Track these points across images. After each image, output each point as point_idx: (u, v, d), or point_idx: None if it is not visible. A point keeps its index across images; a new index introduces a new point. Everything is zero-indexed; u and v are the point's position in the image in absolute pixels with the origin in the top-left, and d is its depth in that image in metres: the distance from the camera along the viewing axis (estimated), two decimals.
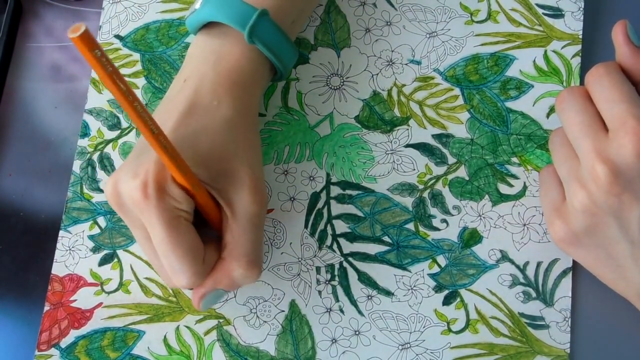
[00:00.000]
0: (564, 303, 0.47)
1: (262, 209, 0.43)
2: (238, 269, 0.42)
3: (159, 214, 0.39)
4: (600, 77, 0.40)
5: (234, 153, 0.42)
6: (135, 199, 0.39)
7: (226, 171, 0.42)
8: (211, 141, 0.42)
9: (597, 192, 0.39)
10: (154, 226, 0.40)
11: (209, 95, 0.43)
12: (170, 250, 0.40)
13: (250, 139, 0.44)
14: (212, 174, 0.41)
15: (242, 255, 0.42)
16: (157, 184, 0.39)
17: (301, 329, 0.48)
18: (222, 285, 0.43)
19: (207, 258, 0.42)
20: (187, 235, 0.40)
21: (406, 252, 0.49)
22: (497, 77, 0.51)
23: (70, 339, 0.48)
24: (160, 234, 0.40)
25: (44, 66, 0.54)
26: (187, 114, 0.42)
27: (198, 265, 0.41)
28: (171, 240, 0.40)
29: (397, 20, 0.53)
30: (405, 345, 0.47)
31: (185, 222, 0.41)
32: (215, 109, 0.43)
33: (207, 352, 0.48)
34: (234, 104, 0.43)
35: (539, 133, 0.50)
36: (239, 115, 0.43)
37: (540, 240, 0.48)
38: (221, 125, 0.42)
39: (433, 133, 0.51)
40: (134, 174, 0.40)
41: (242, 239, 0.42)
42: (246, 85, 0.44)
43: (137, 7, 0.54)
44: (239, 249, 0.42)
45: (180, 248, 0.40)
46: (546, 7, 0.52)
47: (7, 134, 0.53)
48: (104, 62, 0.31)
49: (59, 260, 0.49)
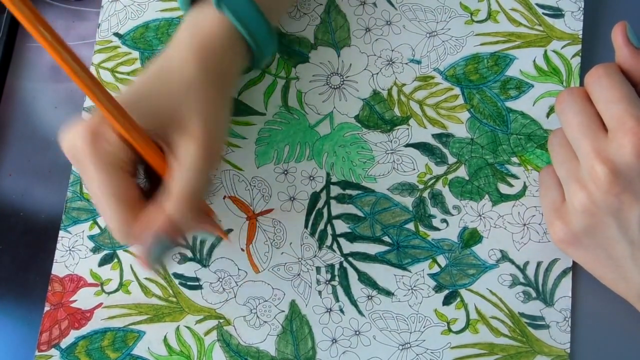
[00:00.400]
0: (564, 303, 0.47)
1: (206, 165, 0.42)
2: (173, 204, 0.41)
3: (92, 159, 0.40)
4: (600, 77, 0.40)
5: (186, 105, 0.43)
6: (76, 144, 0.40)
7: (173, 120, 0.42)
8: (167, 95, 0.42)
9: (596, 192, 0.39)
10: (89, 170, 0.40)
11: (179, 56, 0.44)
12: (101, 195, 0.40)
13: (213, 98, 0.44)
14: (159, 123, 0.42)
15: (179, 191, 0.41)
16: (94, 128, 0.40)
17: (301, 329, 0.48)
18: (158, 225, 0.41)
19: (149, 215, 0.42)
20: (119, 182, 0.41)
21: (406, 252, 0.49)
22: (497, 77, 0.51)
23: (70, 340, 0.48)
24: (93, 178, 0.40)
25: (44, 66, 0.54)
26: (152, 75, 0.43)
27: (128, 214, 0.41)
28: (103, 184, 0.40)
29: (397, 20, 0.53)
30: (405, 345, 0.47)
31: (120, 171, 0.41)
32: (181, 69, 0.43)
33: (207, 353, 0.48)
34: (199, 65, 0.44)
35: (539, 133, 0.50)
36: (203, 75, 0.44)
37: (540, 240, 0.48)
38: (181, 82, 0.43)
39: (433, 133, 0.51)
40: (77, 124, 0.41)
41: (180, 176, 0.41)
42: (216, 47, 0.45)
43: (137, 5, 0.54)
44: (176, 185, 0.41)
45: (111, 195, 0.40)
46: (546, 7, 0.52)
47: (7, 134, 0.53)
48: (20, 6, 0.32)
49: (59, 261, 0.49)
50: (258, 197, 0.50)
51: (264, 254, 0.49)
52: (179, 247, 0.45)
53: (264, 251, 0.49)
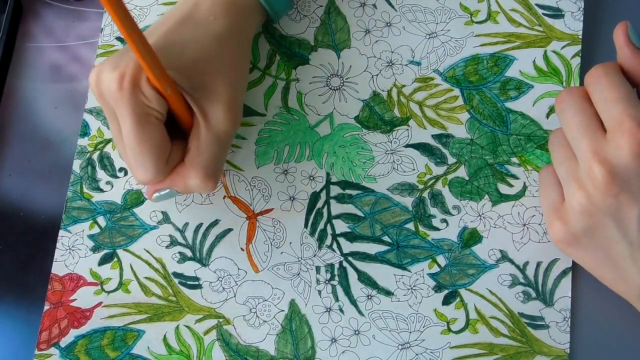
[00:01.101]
0: (563, 303, 0.47)
1: (231, 128, 0.44)
2: (195, 178, 0.43)
3: (130, 107, 0.41)
4: (599, 78, 0.40)
5: (217, 68, 0.44)
6: (112, 89, 0.41)
7: (206, 84, 0.43)
8: (199, 52, 0.43)
9: (594, 193, 0.39)
10: (124, 118, 0.41)
11: (207, 11, 0.45)
12: (136, 143, 0.41)
13: (238, 60, 0.46)
14: (192, 83, 0.43)
15: (201, 167, 0.43)
16: (132, 78, 0.40)
17: (301, 328, 0.48)
18: (177, 187, 0.44)
19: (172, 157, 0.44)
20: (154, 132, 0.42)
21: (406, 251, 0.49)
22: (496, 78, 0.51)
23: (70, 339, 0.48)
24: (129, 127, 0.41)
25: (44, 66, 0.54)
26: (181, 23, 0.44)
27: (160, 163, 0.42)
28: (138, 134, 0.41)
29: (397, 21, 0.53)
30: (405, 345, 0.47)
31: (155, 121, 0.42)
32: (209, 24, 0.44)
33: (207, 352, 0.48)
34: (228, 23, 0.45)
35: (539, 133, 0.50)
36: (231, 34, 0.45)
37: (540, 240, 0.48)
38: (211, 39, 0.44)
39: (433, 133, 0.51)
40: (114, 66, 0.41)
41: (205, 150, 0.43)
42: (242, 6, 0.46)
43: (139, 9, 0.54)
44: (200, 159, 0.43)
45: (146, 143, 0.41)
46: (546, 7, 0.52)
47: (7, 134, 0.53)
48: None
49: (58, 260, 0.49)
50: (258, 197, 0.50)
51: (263, 254, 0.49)
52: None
53: (263, 251, 0.49)
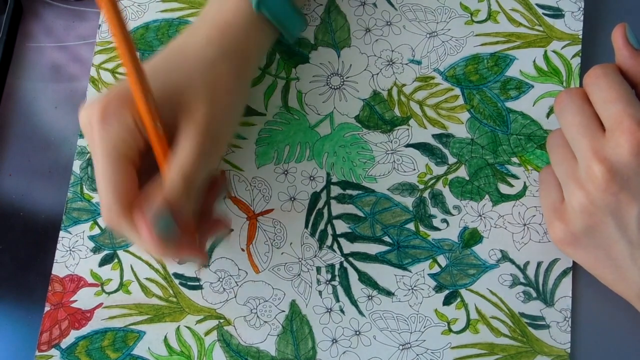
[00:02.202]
0: (564, 303, 0.47)
1: (204, 146, 0.41)
2: (168, 184, 0.40)
3: (101, 141, 0.40)
4: (598, 78, 0.41)
5: (195, 88, 0.42)
6: (86, 122, 0.41)
7: (181, 103, 0.42)
8: (183, 74, 0.43)
9: (594, 192, 0.39)
10: (94, 151, 0.41)
11: (201, 35, 0.44)
12: (99, 177, 0.40)
13: (228, 82, 0.44)
14: (170, 100, 0.41)
15: (176, 166, 0.40)
16: (105, 109, 0.40)
17: (302, 329, 0.48)
18: (156, 203, 0.40)
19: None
20: (120, 170, 0.40)
21: (406, 252, 0.49)
22: (497, 77, 0.51)
23: (70, 340, 0.48)
24: (95, 160, 0.41)
25: (44, 66, 0.54)
26: (172, 50, 0.44)
27: (119, 204, 0.40)
28: (102, 168, 0.40)
29: (397, 20, 0.53)
30: (405, 345, 0.47)
31: (124, 159, 0.40)
32: (201, 48, 0.44)
33: (208, 353, 0.48)
34: (222, 47, 0.44)
35: (539, 133, 0.50)
36: (225, 57, 0.44)
37: (541, 240, 0.48)
38: (198, 64, 0.43)
39: (433, 133, 0.51)
40: (96, 100, 0.41)
41: (178, 162, 0.40)
42: (240, 27, 0.45)
43: (137, 6, 0.54)
44: (172, 169, 0.40)
45: (108, 180, 0.40)
46: (546, 7, 0.52)
47: (7, 134, 0.53)
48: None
49: (59, 261, 0.49)
50: (258, 197, 0.50)
51: (264, 254, 0.49)
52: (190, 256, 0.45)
53: (264, 251, 0.49)
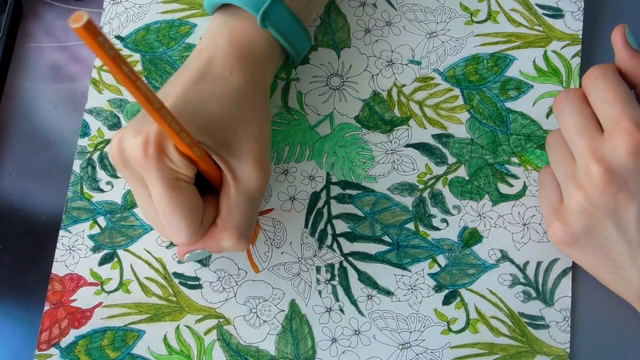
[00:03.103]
0: (564, 303, 0.47)
1: (262, 184, 0.43)
2: (228, 240, 0.43)
3: (159, 173, 0.40)
4: (596, 78, 0.41)
5: (240, 125, 0.43)
6: (137, 156, 0.40)
7: (231, 142, 0.42)
8: (219, 109, 0.42)
9: (593, 192, 0.40)
10: (154, 184, 0.40)
11: (221, 65, 0.44)
12: (169, 208, 0.41)
13: (259, 113, 0.45)
14: (216, 143, 0.42)
15: (234, 228, 0.43)
16: (158, 143, 0.39)
17: (301, 328, 0.48)
18: (210, 249, 0.44)
19: (206, 217, 0.43)
20: (187, 195, 0.41)
21: (406, 251, 0.49)
22: (497, 78, 0.51)
23: (70, 339, 0.48)
24: (160, 193, 0.40)
25: (44, 66, 0.54)
26: (198, 81, 0.43)
27: (195, 224, 0.42)
28: (170, 200, 0.40)
29: (397, 21, 0.53)
30: (405, 344, 0.47)
31: (185, 184, 0.41)
32: (226, 79, 0.43)
33: (207, 352, 0.48)
34: (244, 76, 0.44)
35: (539, 133, 0.50)
36: (249, 87, 0.44)
37: (540, 240, 0.48)
38: (230, 95, 0.43)
39: (433, 133, 0.51)
40: (137, 131, 0.40)
41: (236, 210, 0.43)
42: (257, 60, 0.45)
43: (138, 7, 0.54)
44: (232, 220, 0.43)
45: (179, 207, 0.41)
46: (546, 7, 0.52)
47: (7, 134, 0.53)
48: (107, 48, 0.32)
49: (59, 260, 0.49)
50: None
51: (264, 254, 0.49)
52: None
53: (264, 251, 0.49)
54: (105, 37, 0.31)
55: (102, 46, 0.31)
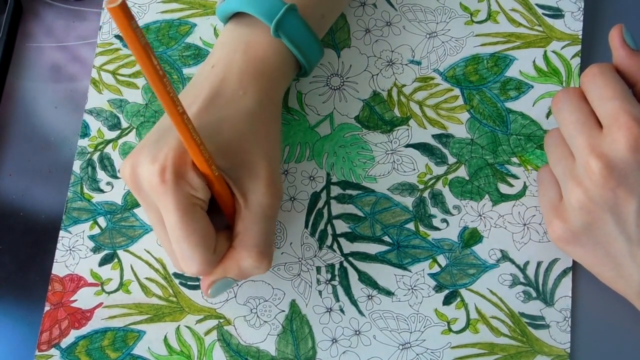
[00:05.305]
0: (564, 303, 0.47)
1: (275, 202, 0.43)
2: (248, 259, 0.42)
3: (175, 200, 0.39)
4: (594, 76, 0.41)
5: (253, 144, 0.42)
6: (153, 183, 0.39)
7: (244, 162, 0.42)
8: (233, 131, 0.42)
9: (592, 188, 0.40)
10: (169, 212, 0.40)
11: (235, 84, 0.43)
12: (183, 236, 0.40)
13: (271, 131, 0.44)
14: (230, 164, 0.41)
15: (253, 246, 0.42)
16: (176, 169, 0.39)
17: (301, 328, 0.48)
18: (232, 274, 0.43)
19: (219, 247, 0.43)
20: (200, 223, 0.41)
21: (406, 251, 0.49)
22: (496, 78, 0.51)
23: (70, 339, 0.48)
24: (174, 220, 0.40)
25: (44, 66, 0.54)
26: (212, 101, 0.42)
27: (209, 253, 0.41)
28: (185, 227, 0.40)
29: (397, 21, 0.53)
30: (405, 345, 0.47)
31: (200, 210, 0.41)
32: (240, 99, 0.43)
33: (208, 352, 0.48)
34: (259, 95, 0.44)
35: (539, 133, 0.50)
36: (262, 107, 0.44)
37: (541, 239, 0.48)
38: (244, 116, 0.43)
39: (433, 133, 0.51)
40: (153, 158, 0.40)
41: (254, 229, 0.42)
42: (272, 77, 0.45)
43: (137, 7, 0.54)
44: (250, 239, 0.42)
45: (193, 235, 0.40)
46: (546, 7, 0.52)
47: (7, 134, 0.53)
48: (139, 34, 0.31)
49: (59, 260, 0.49)
50: None
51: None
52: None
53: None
54: (137, 23, 0.31)
55: (135, 31, 0.31)
